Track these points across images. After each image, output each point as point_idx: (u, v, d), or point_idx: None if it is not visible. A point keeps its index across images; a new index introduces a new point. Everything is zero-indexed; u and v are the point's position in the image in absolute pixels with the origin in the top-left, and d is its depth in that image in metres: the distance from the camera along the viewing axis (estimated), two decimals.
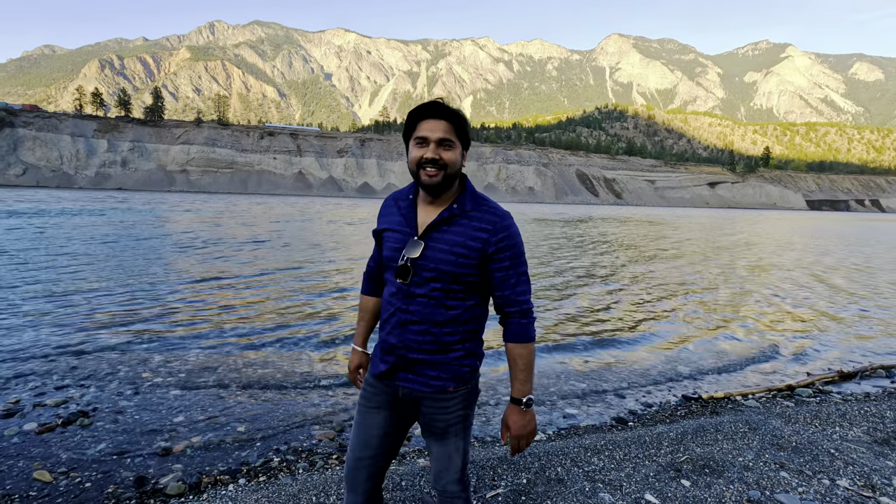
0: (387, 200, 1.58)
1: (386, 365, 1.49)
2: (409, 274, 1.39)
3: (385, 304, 1.51)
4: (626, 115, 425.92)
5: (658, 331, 6.95)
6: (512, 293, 1.46)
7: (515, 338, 1.47)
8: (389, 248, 1.47)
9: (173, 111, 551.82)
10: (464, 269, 1.39)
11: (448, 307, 1.42)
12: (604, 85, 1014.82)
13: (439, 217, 1.42)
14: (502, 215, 1.45)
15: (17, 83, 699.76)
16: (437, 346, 1.44)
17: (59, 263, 10.84)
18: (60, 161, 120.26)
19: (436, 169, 1.38)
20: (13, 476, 2.88)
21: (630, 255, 16.74)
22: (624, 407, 4.26)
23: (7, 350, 5.15)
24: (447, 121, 1.40)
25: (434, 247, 1.39)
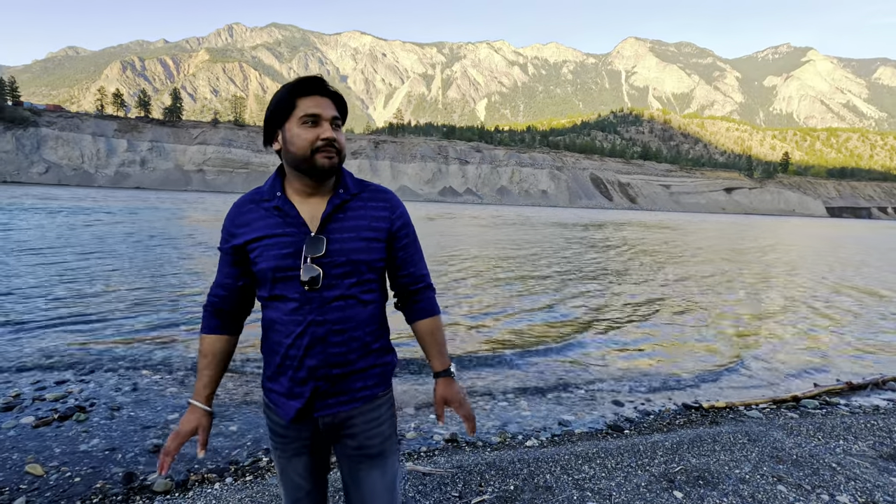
0: (237, 207, 1.30)
1: (301, 401, 1.25)
2: (319, 278, 1.20)
3: (282, 328, 1.24)
4: (641, 120, 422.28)
5: (665, 337, 6.84)
6: (416, 269, 1.38)
7: (428, 313, 1.38)
8: (274, 258, 1.22)
9: (191, 112, 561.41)
10: (376, 253, 1.27)
11: (366, 302, 1.28)
12: (619, 89, 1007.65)
13: (331, 205, 1.25)
14: (390, 192, 1.37)
15: (41, 84, 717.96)
16: (363, 351, 1.28)
17: (87, 261, 11.04)
18: (81, 160, 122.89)
19: (333, 150, 1.22)
20: (6, 469, 2.91)
21: (653, 260, 16.55)
22: (621, 414, 4.18)
23: (16, 344, 5.25)
24: (331, 98, 1.25)
25: (338, 238, 1.23)
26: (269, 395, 1.31)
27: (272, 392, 1.30)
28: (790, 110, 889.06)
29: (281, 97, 1.22)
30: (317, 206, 1.26)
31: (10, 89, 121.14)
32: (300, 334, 1.22)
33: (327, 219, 1.24)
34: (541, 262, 14.95)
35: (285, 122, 1.22)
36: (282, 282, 1.23)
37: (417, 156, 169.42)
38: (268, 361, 1.31)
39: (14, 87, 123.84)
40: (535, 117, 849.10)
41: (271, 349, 1.28)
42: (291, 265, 1.21)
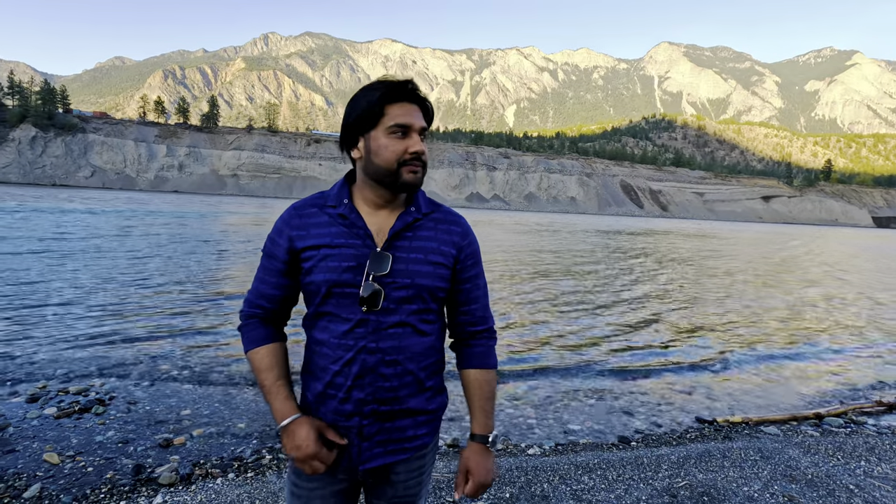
0: (296, 209, 1.17)
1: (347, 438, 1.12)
2: (379, 298, 1.07)
3: (330, 352, 1.11)
4: (674, 126, 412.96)
5: (685, 347, 6.65)
6: (479, 308, 1.23)
7: (481, 362, 1.21)
8: (331, 270, 1.09)
9: (227, 118, 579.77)
10: (441, 281, 1.14)
11: (423, 333, 1.14)
12: (652, 94, 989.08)
13: (402, 222, 1.13)
14: (463, 218, 1.24)
15: (90, 92, 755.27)
16: (415, 388, 1.14)
17: (131, 261, 11.54)
18: (124, 164, 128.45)
19: (420, 165, 1.10)
20: (25, 456, 3.07)
21: (688, 270, 16.15)
22: (630, 426, 4.09)
23: (48, 337, 5.53)
24: (421, 107, 1.12)
25: (405, 258, 1.11)
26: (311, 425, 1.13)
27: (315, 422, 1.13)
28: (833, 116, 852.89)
29: (370, 103, 1.09)
30: (385, 219, 1.14)
31: (61, 98, 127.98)
32: (349, 361, 1.09)
33: (395, 235, 1.12)
34: (575, 265, 14.77)
35: (371, 129, 1.09)
36: (336, 298, 1.10)
37: (445, 162, 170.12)
38: (308, 387, 1.17)
39: (65, 96, 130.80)
40: (565, 123, 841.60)
41: (315, 375, 1.15)
42: (350, 281, 1.08)
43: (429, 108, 1.13)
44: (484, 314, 1.24)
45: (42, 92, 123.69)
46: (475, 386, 1.21)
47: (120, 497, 2.69)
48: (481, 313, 1.23)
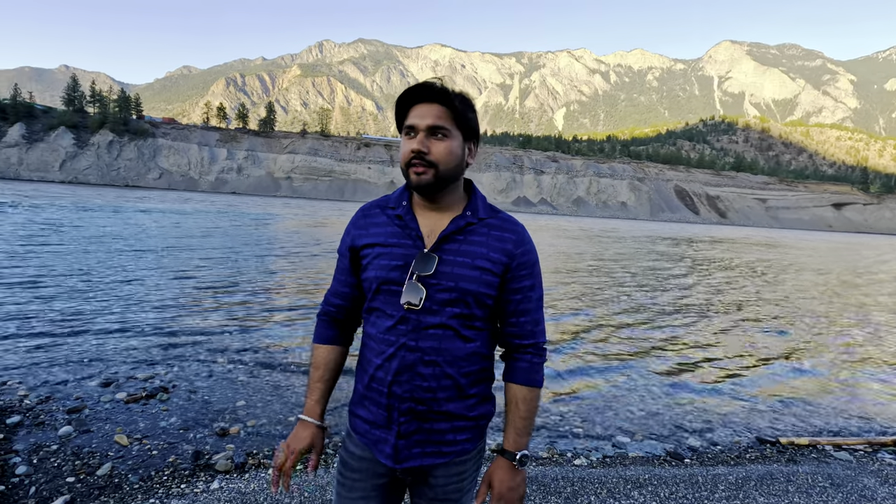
0: (363, 210, 1.24)
1: (388, 446, 1.15)
2: (422, 298, 1.10)
3: (375, 346, 1.16)
4: (735, 128, 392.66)
5: (746, 362, 6.28)
6: (529, 322, 1.19)
7: (524, 378, 1.19)
8: (382, 268, 1.14)
9: (283, 123, 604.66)
10: (487, 287, 1.13)
11: (466, 338, 1.14)
12: (711, 95, 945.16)
13: (454, 225, 1.15)
14: (522, 226, 1.21)
15: (160, 99, 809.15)
16: (454, 392, 1.14)
17: (207, 259, 12.30)
18: (188, 167, 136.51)
19: (423, 165, 1.10)
20: (99, 436, 3.31)
21: (760, 282, 15.33)
22: (683, 441, 3.91)
23: (123, 326, 5.95)
24: (441, 104, 1.11)
25: (451, 261, 1.12)
26: (354, 421, 1.22)
27: (357, 418, 1.21)
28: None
29: (396, 108, 1.16)
30: (438, 222, 1.17)
31: (135, 105, 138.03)
32: (390, 356, 1.13)
33: (445, 238, 1.14)
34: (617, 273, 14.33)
35: (400, 133, 1.16)
36: (383, 294, 1.15)
37: (492, 165, 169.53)
38: (358, 379, 1.22)
39: (138, 104, 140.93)
40: (616, 127, 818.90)
41: (362, 367, 1.21)
42: (397, 279, 1.13)
43: (457, 105, 1.11)
44: (533, 329, 1.20)
45: (119, 100, 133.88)
46: (513, 401, 1.19)
47: (181, 480, 2.84)
48: (531, 327, 1.19)
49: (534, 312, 1.20)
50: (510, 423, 1.18)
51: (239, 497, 2.62)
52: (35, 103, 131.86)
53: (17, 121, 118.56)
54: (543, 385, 1.21)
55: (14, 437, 3.21)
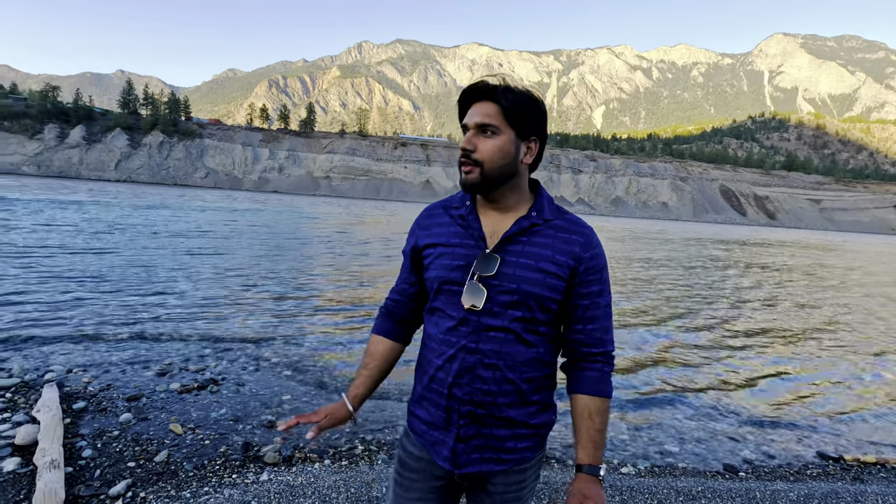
0: (427, 210, 1.25)
1: (447, 449, 1.13)
2: (482, 298, 1.08)
3: (436, 346, 1.15)
4: (786, 125, 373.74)
5: (809, 370, 5.96)
6: (598, 329, 1.15)
7: (595, 389, 1.14)
8: (443, 268, 1.14)
9: (322, 124, 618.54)
10: (551, 291, 1.10)
11: (528, 343, 1.11)
12: (760, 91, 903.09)
13: (518, 226, 1.12)
14: (590, 229, 1.17)
15: (206, 101, 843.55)
16: (515, 398, 1.11)
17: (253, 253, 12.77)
18: (233, 166, 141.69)
19: (469, 164, 1.09)
20: (156, 425, 3.45)
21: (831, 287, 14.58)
22: (738, 453, 3.73)
23: (175, 320, 6.22)
24: (492, 101, 1.09)
25: (514, 262, 1.10)
26: (412, 420, 1.22)
27: (416, 418, 1.20)
28: None
29: (458, 107, 1.16)
30: (501, 222, 1.15)
31: (184, 107, 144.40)
32: (451, 357, 1.12)
33: (508, 239, 1.11)
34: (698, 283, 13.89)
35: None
36: (445, 295, 1.14)
37: None
38: (418, 378, 1.22)
39: (187, 106, 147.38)
40: (658, 125, 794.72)
41: (422, 367, 1.20)
42: (458, 279, 1.11)
43: (515, 100, 1.08)
44: (602, 336, 1.15)
45: (169, 102, 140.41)
46: (586, 414, 1.13)
47: (232, 471, 2.91)
48: (599, 335, 1.15)
49: (602, 319, 1.15)
50: (585, 436, 1.13)
51: (288, 490, 2.68)
52: (94, 107, 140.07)
53: (78, 123, 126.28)
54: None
55: (80, 421, 3.40)
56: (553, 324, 1.15)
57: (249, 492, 2.65)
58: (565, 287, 1.11)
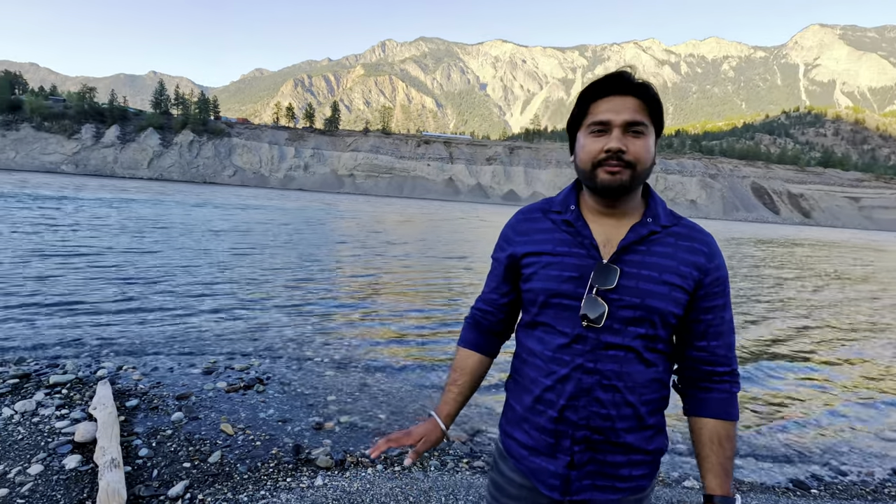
0: (523, 214, 1.15)
1: (558, 479, 1.04)
2: (603, 315, 0.99)
3: (542, 364, 1.05)
4: (823, 120, 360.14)
5: (883, 380, 5.64)
6: (722, 346, 1.05)
7: (722, 411, 1.03)
8: (551, 279, 1.04)
9: (346, 122, 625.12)
10: (675, 306, 1.00)
11: (647, 363, 1.02)
12: (795, 85, 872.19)
13: (635, 234, 1.02)
14: (710, 236, 1.08)
15: (234, 101, 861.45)
16: (634, 423, 1.02)
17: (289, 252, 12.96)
18: (259, 165, 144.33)
19: (619, 165, 0.98)
20: (207, 424, 3.45)
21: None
22: (805, 468, 3.52)
23: (214, 318, 6.29)
24: (637, 97, 0.99)
25: (635, 274, 1.00)
26: (508, 443, 1.12)
27: (513, 441, 1.11)
28: None
29: (576, 104, 1.06)
30: (614, 230, 1.05)
31: (213, 107, 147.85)
32: (563, 378, 1.02)
33: (626, 248, 1.02)
34: None
35: (577, 130, 1.06)
36: (553, 309, 1.04)
37: (553, 161, 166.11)
38: (515, 398, 1.12)
39: (216, 105, 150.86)
40: (687, 120, 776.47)
41: (523, 385, 1.10)
42: (571, 292, 1.02)
43: (652, 98, 1.00)
44: (727, 354, 1.06)
45: (199, 102, 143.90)
46: (714, 439, 1.02)
47: (286, 474, 2.88)
48: (724, 352, 1.05)
49: (727, 335, 1.06)
50: (716, 465, 1.02)
51: (345, 496, 2.64)
52: (128, 107, 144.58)
53: (113, 123, 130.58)
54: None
55: (133, 419, 3.42)
56: (670, 341, 1.07)
57: (307, 497, 2.61)
58: (688, 301, 1.02)
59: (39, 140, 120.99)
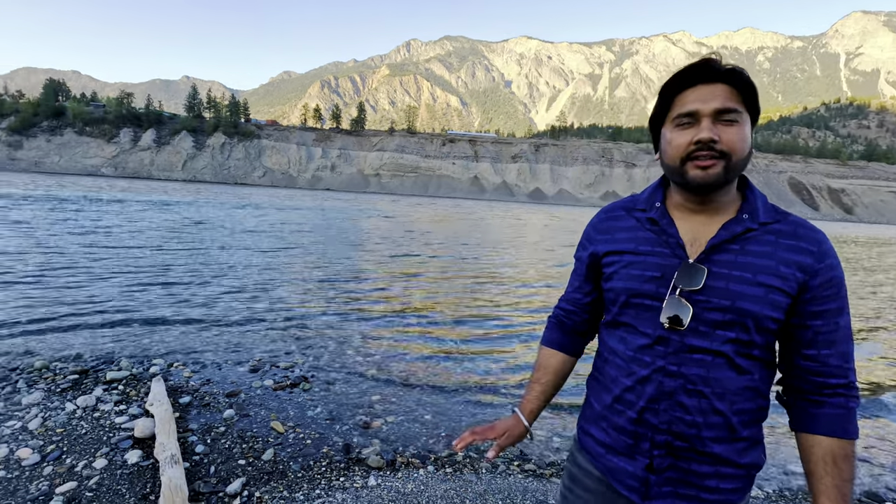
0: (605, 212, 1.12)
1: (623, 460, 1.01)
2: (686, 317, 0.93)
3: (623, 364, 1.02)
4: (866, 111, 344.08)
5: None
6: (835, 355, 0.94)
7: (838, 429, 0.93)
8: (632, 279, 1.00)
9: (372, 122, 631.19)
10: (772, 309, 0.92)
11: (740, 369, 0.94)
12: (836, 75, 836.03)
13: (727, 231, 0.95)
14: (821, 233, 0.96)
15: (264, 103, 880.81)
16: (725, 433, 0.94)
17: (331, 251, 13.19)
18: (288, 165, 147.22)
19: (712, 157, 0.91)
20: (258, 422, 3.49)
21: None
22: (879, 479, 3.32)
23: (255, 317, 6.40)
24: (727, 83, 0.92)
25: (725, 275, 0.93)
26: (586, 440, 1.10)
27: (591, 438, 1.09)
28: None
29: (659, 97, 1.00)
30: (703, 227, 0.98)
31: (243, 109, 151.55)
32: (644, 379, 0.98)
33: (716, 247, 0.95)
34: None
35: (662, 125, 0.99)
36: (634, 309, 1.01)
37: (579, 159, 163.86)
38: (594, 395, 1.10)
39: (246, 108, 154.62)
40: None
41: (603, 384, 1.07)
42: (653, 293, 0.98)
43: (744, 83, 0.92)
44: (843, 364, 0.95)
45: (230, 105, 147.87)
46: (829, 460, 0.92)
47: (339, 473, 2.88)
48: (837, 362, 0.94)
49: (841, 343, 0.95)
50: (832, 489, 0.91)
51: (400, 497, 2.63)
52: (163, 111, 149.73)
53: (149, 127, 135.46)
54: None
55: (187, 416, 3.49)
56: (769, 347, 0.97)
57: (362, 497, 2.61)
58: (790, 305, 0.93)
59: (81, 144, 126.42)
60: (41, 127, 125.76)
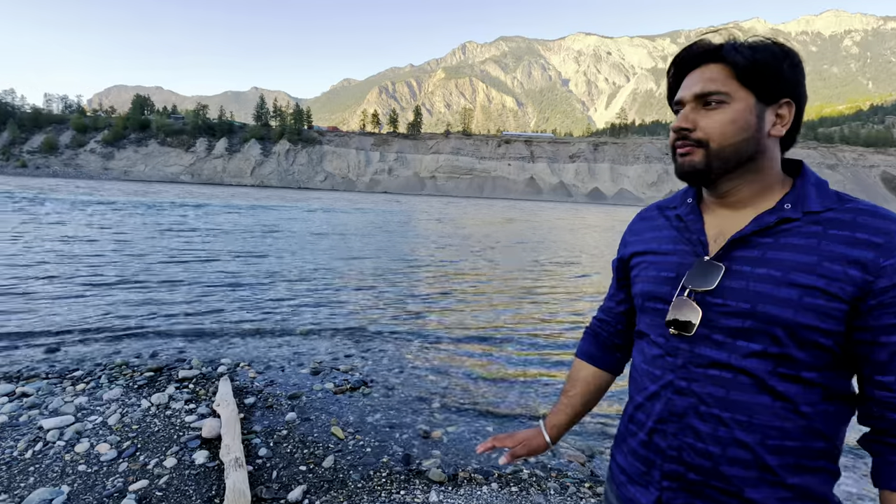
0: (641, 212, 1.02)
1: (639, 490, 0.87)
2: (693, 321, 0.79)
3: (639, 378, 0.90)
4: None
5: None
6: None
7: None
8: (649, 281, 0.89)
9: (428, 125, 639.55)
10: (815, 317, 0.71)
11: (777, 395, 0.74)
12: None
13: (757, 223, 0.79)
14: (892, 221, 0.73)
15: (325, 110, 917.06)
16: (754, 472, 0.75)
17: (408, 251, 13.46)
18: (347, 170, 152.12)
19: (688, 145, 0.81)
20: (318, 426, 3.47)
21: None
22: None
23: (316, 320, 6.51)
24: (718, 62, 0.80)
25: (746, 273, 0.77)
26: (612, 466, 0.98)
27: (615, 463, 0.96)
28: None
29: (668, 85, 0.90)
30: (730, 221, 0.84)
31: (306, 117, 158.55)
32: (653, 395, 0.84)
33: (739, 241, 0.80)
34: None
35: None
36: (650, 315, 0.89)
37: (641, 157, 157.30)
38: (623, 416, 0.96)
39: (309, 115, 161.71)
40: None
41: (629, 397, 0.94)
42: (666, 295, 0.85)
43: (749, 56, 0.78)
44: None
45: (294, 113, 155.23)
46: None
47: (399, 486, 2.79)
48: None
49: None
50: None
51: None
52: (234, 121, 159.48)
53: (222, 136, 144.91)
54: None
55: (251, 417, 3.53)
56: (832, 369, 0.75)
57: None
58: (847, 312, 0.72)
59: (163, 154, 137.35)
60: (129, 139, 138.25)
